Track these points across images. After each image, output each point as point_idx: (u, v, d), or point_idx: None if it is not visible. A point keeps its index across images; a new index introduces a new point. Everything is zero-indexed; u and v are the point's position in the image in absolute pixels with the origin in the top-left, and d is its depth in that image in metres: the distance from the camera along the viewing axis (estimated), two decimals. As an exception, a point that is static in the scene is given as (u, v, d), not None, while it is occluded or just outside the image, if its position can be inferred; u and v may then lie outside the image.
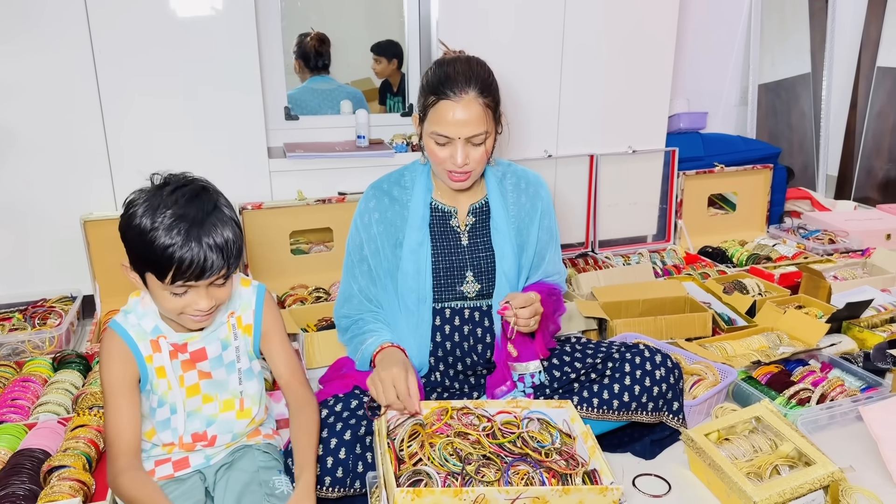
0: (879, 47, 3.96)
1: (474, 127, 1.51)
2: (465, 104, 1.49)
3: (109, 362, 1.29)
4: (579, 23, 2.81)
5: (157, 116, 2.38)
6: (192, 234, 1.16)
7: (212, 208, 1.21)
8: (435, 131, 1.52)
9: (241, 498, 1.31)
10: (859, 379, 1.97)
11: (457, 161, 1.53)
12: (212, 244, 1.18)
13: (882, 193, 4.07)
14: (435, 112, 1.52)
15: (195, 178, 1.27)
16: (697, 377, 1.89)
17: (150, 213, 1.17)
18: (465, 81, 1.50)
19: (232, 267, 1.23)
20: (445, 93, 1.49)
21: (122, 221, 1.22)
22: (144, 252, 1.18)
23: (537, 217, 1.72)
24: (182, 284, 1.19)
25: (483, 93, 1.51)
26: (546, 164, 2.95)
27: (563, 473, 1.34)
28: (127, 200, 1.23)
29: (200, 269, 1.18)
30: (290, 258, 2.62)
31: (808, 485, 1.44)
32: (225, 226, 1.21)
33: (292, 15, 2.81)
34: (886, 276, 2.72)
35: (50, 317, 2.30)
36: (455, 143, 1.52)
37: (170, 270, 1.16)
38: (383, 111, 3.07)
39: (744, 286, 2.58)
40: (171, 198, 1.19)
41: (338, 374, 1.72)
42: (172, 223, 1.16)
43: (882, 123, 4.02)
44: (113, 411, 1.28)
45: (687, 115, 3.44)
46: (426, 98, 1.54)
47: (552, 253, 1.78)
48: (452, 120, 1.50)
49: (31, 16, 2.18)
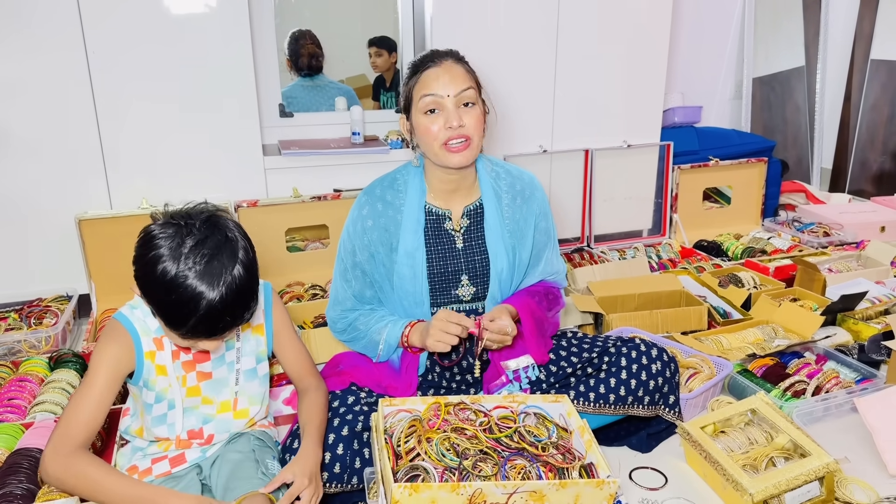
0: (873, 40, 3.96)
1: (461, 82, 1.55)
2: (447, 67, 1.56)
3: (107, 344, 1.28)
4: (573, 17, 2.80)
5: (152, 114, 2.38)
6: (209, 301, 1.14)
7: (231, 266, 1.17)
8: (423, 94, 1.54)
9: (236, 472, 1.32)
10: (854, 371, 1.98)
11: (451, 122, 1.52)
12: (227, 307, 1.16)
13: (876, 186, 4.08)
14: (419, 84, 1.56)
15: (216, 220, 1.22)
16: (693, 370, 1.90)
17: (170, 266, 1.14)
18: (443, 54, 1.58)
19: (244, 322, 1.23)
20: (426, 64, 1.56)
21: (139, 258, 1.18)
22: (160, 303, 1.17)
23: (533, 220, 1.72)
24: (193, 339, 1.20)
25: (461, 61, 1.59)
26: (541, 159, 2.95)
27: (560, 467, 1.35)
28: (147, 234, 1.19)
29: (212, 332, 1.19)
30: (286, 255, 2.62)
31: (803, 476, 1.45)
32: (243, 285, 1.18)
33: (286, 12, 2.81)
34: (881, 269, 2.72)
35: (46, 316, 2.30)
36: (446, 108, 1.54)
37: (182, 329, 1.17)
38: (377, 107, 3.07)
39: (739, 279, 2.59)
40: (192, 254, 1.15)
41: (334, 371, 1.72)
42: (193, 286, 1.13)
43: (876, 116, 4.03)
44: (85, 393, 1.25)
45: (681, 109, 3.44)
46: (408, 82, 1.60)
47: (549, 253, 1.79)
48: (439, 79, 1.54)
49: (23, 15, 2.17)
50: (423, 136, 1.57)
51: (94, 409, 1.25)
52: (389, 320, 1.65)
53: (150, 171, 2.42)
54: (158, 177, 2.43)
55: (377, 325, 1.65)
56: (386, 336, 1.63)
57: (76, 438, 1.23)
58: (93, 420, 1.25)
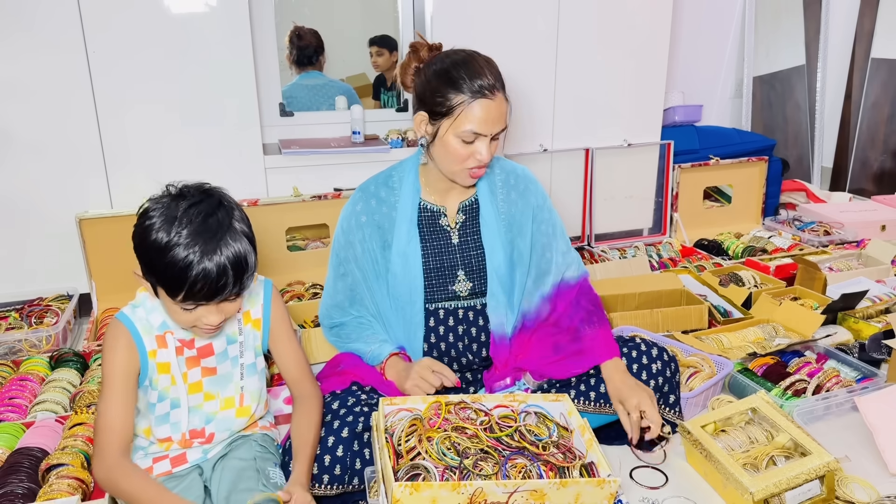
0: (874, 38, 3.96)
1: (502, 122, 1.53)
2: (499, 103, 1.51)
3: (114, 351, 1.28)
4: (574, 16, 2.80)
5: (152, 114, 2.38)
6: (205, 258, 1.15)
7: (227, 227, 1.19)
8: (470, 129, 1.50)
9: (237, 483, 1.32)
10: (854, 369, 1.98)
11: (483, 157, 1.52)
12: (225, 266, 1.17)
13: (877, 184, 4.08)
14: (469, 111, 1.49)
15: (211, 189, 1.26)
16: (694, 369, 1.90)
17: (166, 229, 1.16)
18: (495, 80, 1.51)
19: (244, 286, 1.24)
20: (483, 92, 1.49)
21: (136, 231, 1.21)
22: (158, 268, 1.17)
23: (530, 213, 1.71)
24: (193, 303, 1.20)
25: (504, 89, 1.54)
26: (542, 159, 2.95)
27: (561, 466, 1.35)
28: (142, 209, 1.22)
29: (212, 292, 1.18)
30: (287, 254, 2.62)
31: (804, 475, 1.45)
32: (239, 246, 1.19)
33: (285, 11, 2.81)
34: (881, 267, 2.72)
35: (46, 315, 2.30)
36: (483, 140, 1.52)
37: (182, 291, 1.17)
38: (377, 106, 3.07)
39: (739, 278, 2.59)
40: (186, 215, 1.17)
41: (335, 371, 1.72)
42: (187, 243, 1.15)
43: (877, 114, 4.02)
44: (109, 401, 1.27)
45: (682, 108, 3.44)
46: (455, 96, 1.49)
47: (559, 245, 1.77)
48: (488, 118, 1.49)
49: (24, 15, 2.17)
50: (447, 154, 1.55)
51: (121, 415, 1.27)
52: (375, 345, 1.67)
53: (150, 170, 2.42)
54: (159, 176, 2.39)
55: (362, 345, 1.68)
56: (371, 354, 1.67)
57: (114, 447, 1.25)
58: (123, 426, 1.27)
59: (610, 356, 1.60)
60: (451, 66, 1.52)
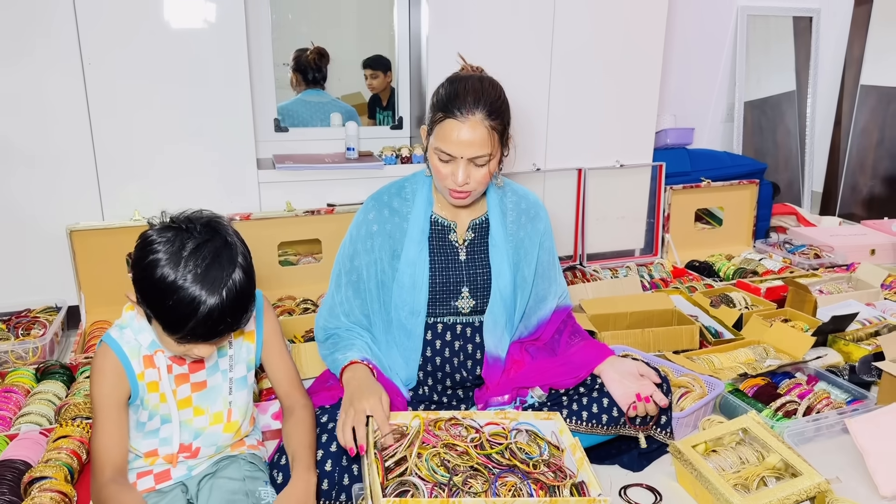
0: (863, 65, 4.02)
1: (478, 148, 1.49)
2: (472, 125, 1.48)
3: (102, 379, 1.27)
4: (568, 39, 2.84)
5: (146, 127, 2.38)
6: (208, 303, 1.13)
7: (232, 270, 1.17)
8: (439, 147, 1.52)
9: None
10: (845, 391, 1.98)
11: (457, 180, 1.52)
12: (226, 311, 1.15)
13: (866, 209, 4.12)
14: (441, 129, 1.51)
15: (217, 224, 1.22)
16: (685, 389, 1.90)
17: (171, 267, 1.13)
18: (474, 102, 1.48)
19: (241, 326, 1.23)
20: (452, 111, 1.48)
21: (138, 260, 1.18)
22: (158, 306, 1.16)
23: (538, 239, 1.74)
24: (189, 342, 1.19)
25: (491, 115, 1.49)
26: (535, 178, 2.97)
27: (551, 485, 1.34)
28: (145, 238, 1.18)
29: (210, 334, 1.18)
30: (279, 269, 2.61)
31: (794, 496, 1.45)
32: (242, 289, 1.18)
33: (283, 28, 2.82)
34: (871, 291, 2.74)
35: (34, 327, 2.28)
36: (457, 162, 1.51)
37: (180, 332, 1.16)
38: (373, 125, 3.08)
39: (730, 300, 2.59)
40: (193, 257, 1.14)
41: (324, 387, 1.71)
42: (193, 288, 1.13)
43: (866, 140, 4.07)
44: (101, 429, 1.27)
45: (674, 130, 3.47)
46: (434, 114, 1.53)
47: (556, 273, 1.82)
48: (456, 140, 1.49)
49: (19, 26, 2.17)
50: (432, 168, 1.58)
51: (114, 438, 1.27)
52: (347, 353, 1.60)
53: (143, 183, 2.41)
54: (151, 189, 2.42)
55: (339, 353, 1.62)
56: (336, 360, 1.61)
57: (107, 469, 1.26)
58: (116, 450, 1.27)
59: (608, 354, 1.64)
60: (446, 83, 1.56)
